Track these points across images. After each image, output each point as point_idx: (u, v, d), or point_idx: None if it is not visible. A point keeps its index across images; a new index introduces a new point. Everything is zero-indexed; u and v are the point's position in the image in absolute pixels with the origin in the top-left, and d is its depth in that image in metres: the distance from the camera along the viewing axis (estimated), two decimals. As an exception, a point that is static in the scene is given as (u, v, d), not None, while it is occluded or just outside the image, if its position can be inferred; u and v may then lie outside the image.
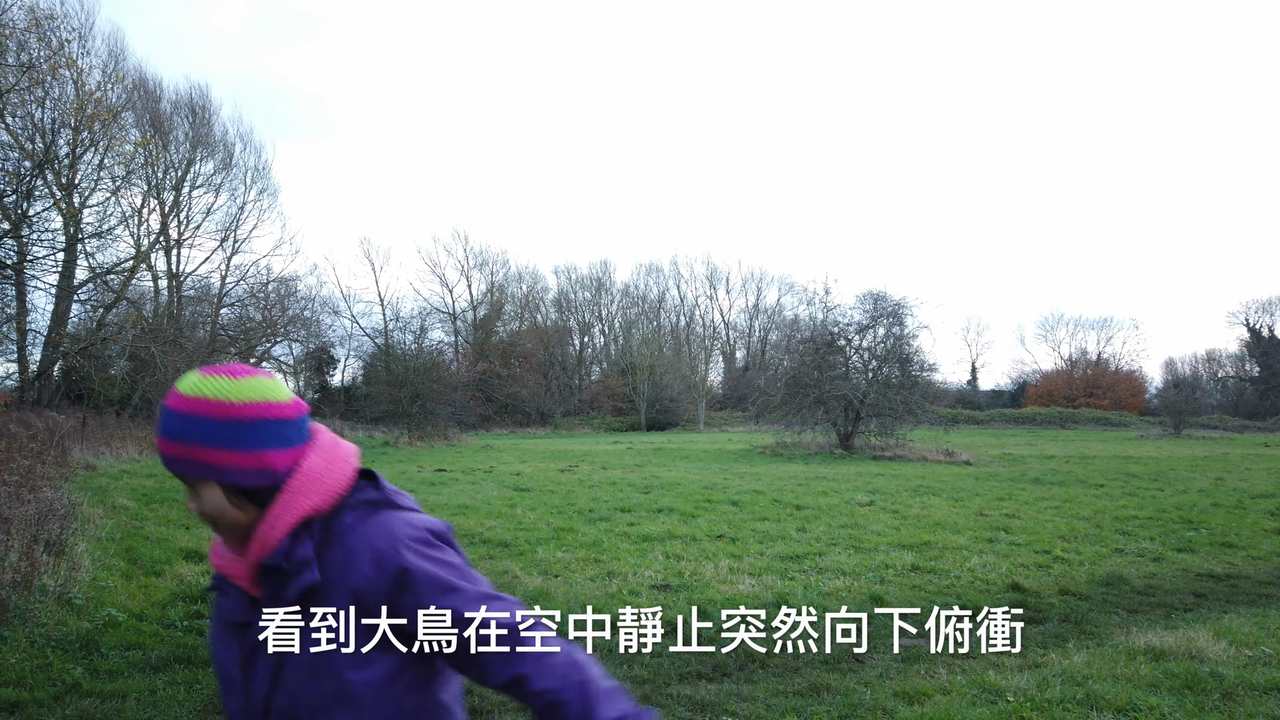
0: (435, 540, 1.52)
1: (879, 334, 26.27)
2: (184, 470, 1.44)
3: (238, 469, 1.44)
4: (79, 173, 25.66)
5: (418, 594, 1.46)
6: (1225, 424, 45.26)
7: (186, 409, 1.42)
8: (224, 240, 34.75)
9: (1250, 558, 8.56)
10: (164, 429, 1.43)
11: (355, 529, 1.49)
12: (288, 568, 1.47)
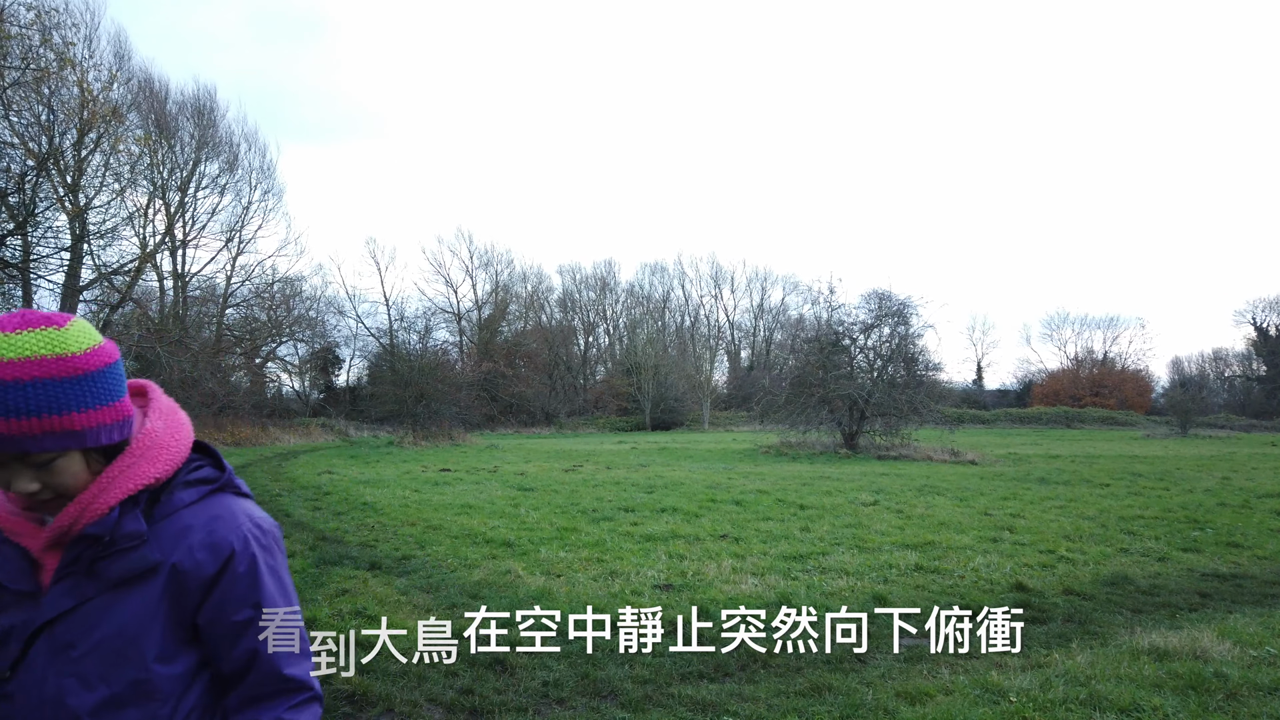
0: (276, 543, 1.45)
1: (884, 333, 26.24)
2: (42, 447, 1.23)
3: (103, 426, 1.29)
4: (84, 173, 25.72)
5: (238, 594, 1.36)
6: (1232, 423, 45.07)
7: (25, 375, 1.20)
8: (229, 240, 34.89)
9: (1256, 557, 8.51)
10: (10, 405, 1.20)
11: (192, 507, 1.37)
12: (110, 540, 1.31)
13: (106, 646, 1.30)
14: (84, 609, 1.30)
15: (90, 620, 1.30)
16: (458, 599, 6.47)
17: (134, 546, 1.32)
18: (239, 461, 20.36)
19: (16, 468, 1.26)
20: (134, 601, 1.32)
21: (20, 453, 1.24)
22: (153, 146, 28.89)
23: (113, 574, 1.31)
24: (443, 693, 4.49)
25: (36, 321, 1.24)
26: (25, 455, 1.25)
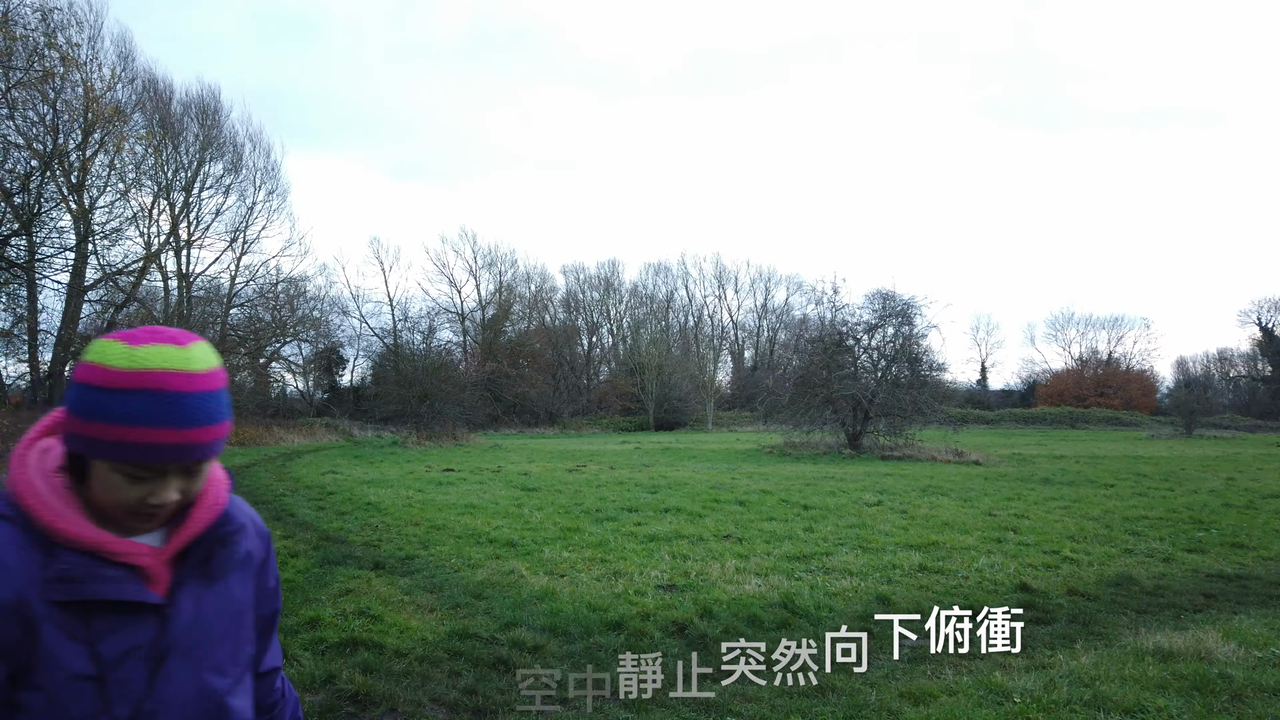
0: None
1: (888, 333, 26.21)
2: (216, 452, 1.30)
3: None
4: (88, 173, 25.77)
5: (273, 582, 1.50)
6: (1237, 423, 44.97)
7: (219, 385, 1.28)
8: (233, 241, 34.96)
9: (1261, 558, 8.49)
10: (212, 414, 1.26)
11: (232, 500, 1.44)
12: (224, 534, 1.38)
13: (226, 636, 1.37)
14: (203, 608, 1.35)
15: (209, 616, 1.35)
16: (461, 599, 6.47)
17: (236, 537, 1.40)
18: (243, 461, 20.40)
19: (173, 477, 1.27)
20: (235, 588, 1.40)
21: (199, 460, 1.27)
22: (157, 146, 28.95)
23: (222, 566, 1.37)
24: (446, 692, 4.49)
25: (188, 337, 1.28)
26: (196, 463, 1.28)
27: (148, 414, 1.20)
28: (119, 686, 1.25)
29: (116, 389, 1.21)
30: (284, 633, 5.40)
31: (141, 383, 1.21)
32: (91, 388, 1.22)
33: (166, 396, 1.21)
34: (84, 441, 1.23)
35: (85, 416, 1.22)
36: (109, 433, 1.21)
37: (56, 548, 1.24)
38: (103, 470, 1.25)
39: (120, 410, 1.20)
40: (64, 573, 1.23)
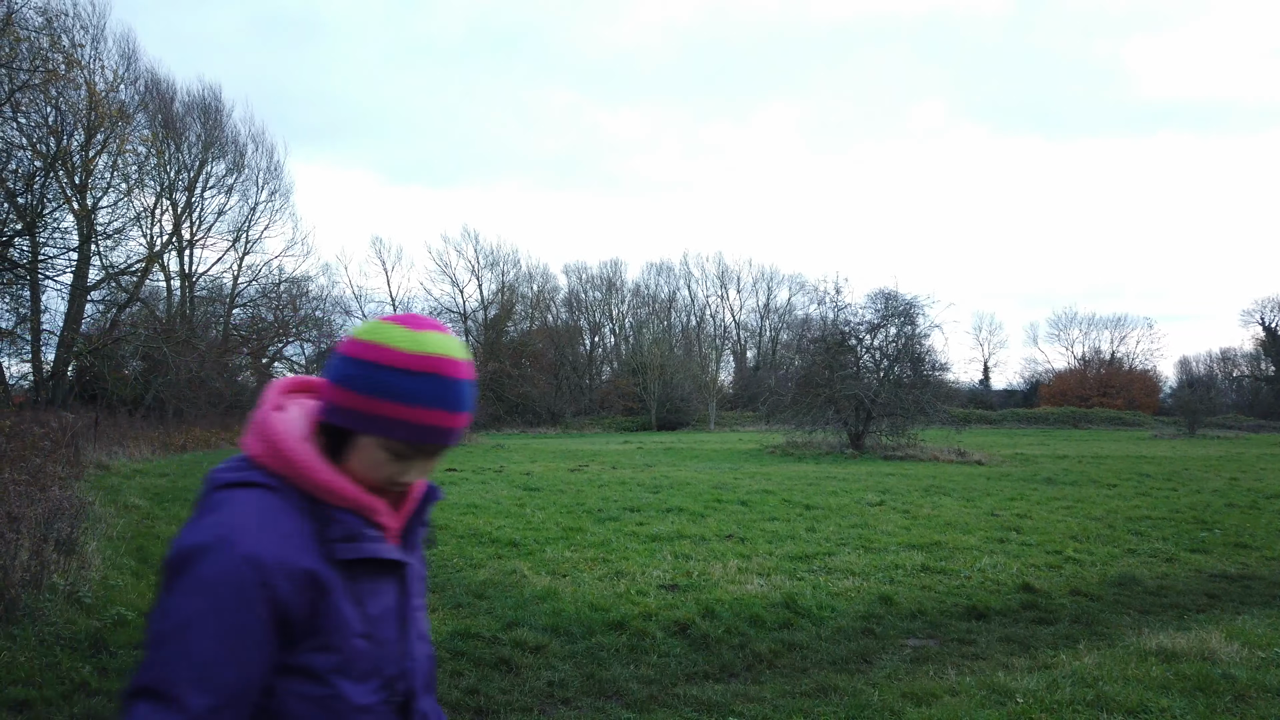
0: None
1: (890, 333, 26.18)
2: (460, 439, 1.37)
3: None
4: (91, 173, 25.80)
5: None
6: (1240, 423, 44.91)
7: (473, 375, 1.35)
8: (236, 240, 34.95)
9: (1265, 558, 8.47)
10: (471, 402, 1.32)
11: None
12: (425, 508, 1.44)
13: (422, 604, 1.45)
14: (419, 578, 1.44)
15: (419, 585, 1.43)
16: (463, 599, 6.47)
17: (428, 512, 1.45)
18: (246, 461, 20.38)
19: (424, 459, 1.32)
20: (418, 560, 1.46)
21: (453, 444, 1.32)
22: (159, 147, 28.97)
23: (420, 539, 1.44)
24: (447, 692, 4.48)
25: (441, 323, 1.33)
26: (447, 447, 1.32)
27: (431, 396, 1.25)
28: (381, 646, 1.29)
29: (403, 369, 1.25)
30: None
31: (427, 366, 1.25)
32: (377, 366, 1.25)
33: (447, 381, 1.27)
34: (358, 416, 1.26)
35: (367, 393, 1.25)
36: (391, 410, 1.24)
37: (325, 509, 1.26)
38: (369, 445, 1.28)
39: (406, 390, 1.24)
40: (347, 531, 1.26)
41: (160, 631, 1.14)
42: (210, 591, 1.13)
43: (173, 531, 9.06)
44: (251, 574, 1.15)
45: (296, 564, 1.19)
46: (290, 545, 1.20)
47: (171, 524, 9.56)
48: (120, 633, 5.23)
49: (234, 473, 1.26)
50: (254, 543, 1.17)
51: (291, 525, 1.22)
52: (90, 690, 4.38)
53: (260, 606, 1.16)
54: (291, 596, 1.18)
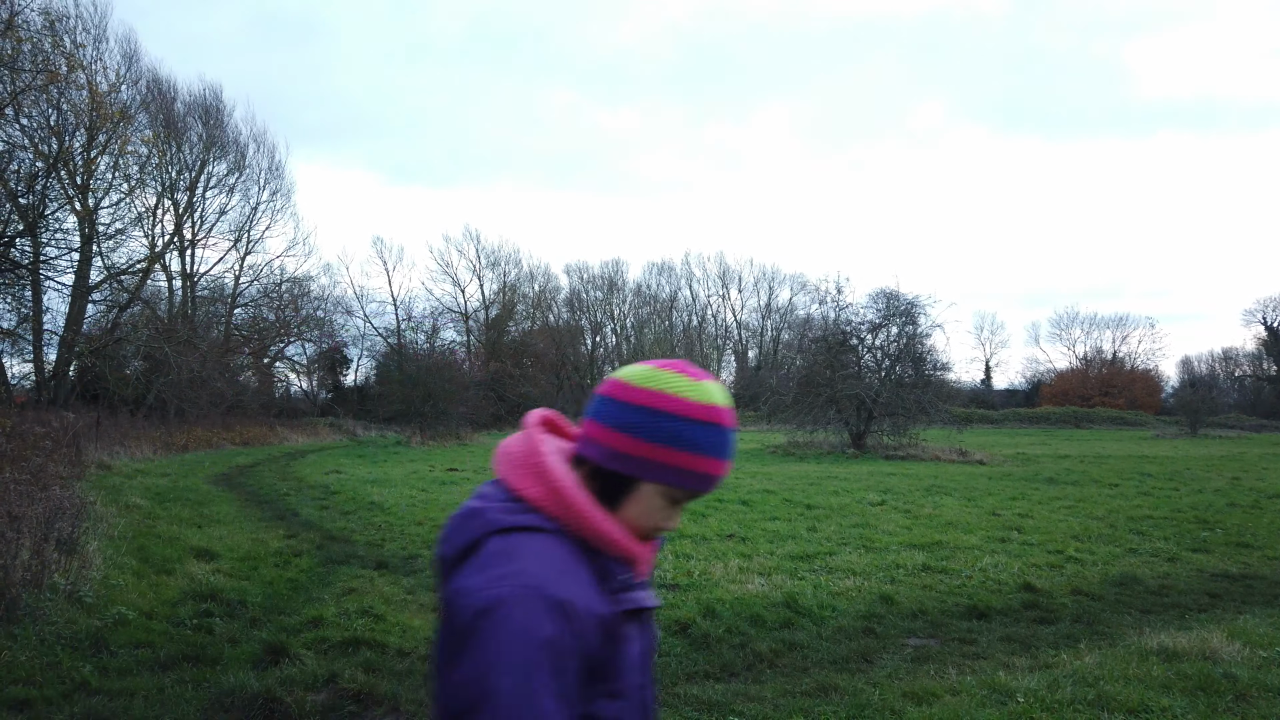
0: None
1: (892, 333, 26.18)
2: None
3: None
4: (93, 174, 25.82)
5: None
6: (1242, 423, 44.89)
7: None
8: (237, 240, 34.95)
9: (1266, 558, 8.47)
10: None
11: None
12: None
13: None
14: None
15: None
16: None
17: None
18: (247, 461, 20.43)
19: (684, 506, 1.32)
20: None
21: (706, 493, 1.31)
22: (161, 147, 28.98)
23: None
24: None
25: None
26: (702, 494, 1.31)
27: (714, 445, 1.26)
28: (646, 692, 1.31)
29: (691, 419, 1.25)
30: (286, 632, 5.41)
31: (711, 416, 1.26)
32: (665, 415, 1.25)
33: (727, 431, 1.28)
34: (644, 464, 1.25)
35: (655, 440, 1.24)
36: (678, 459, 1.24)
37: (602, 558, 1.24)
38: (650, 493, 1.27)
39: (694, 439, 1.24)
40: (626, 582, 1.25)
41: (479, 694, 1.07)
42: (532, 646, 1.08)
43: (173, 531, 9.09)
44: (566, 624, 1.12)
45: (599, 611, 1.18)
46: (590, 593, 1.18)
47: (172, 523, 9.57)
48: (121, 632, 5.23)
49: (512, 515, 1.23)
50: (564, 590, 1.14)
51: (585, 574, 1.20)
52: (91, 689, 4.38)
53: (575, 658, 1.13)
54: (596, 645, 1.17)
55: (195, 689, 4.43)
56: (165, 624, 5.53)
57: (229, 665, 4.75)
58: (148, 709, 4.17)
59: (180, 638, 5.25)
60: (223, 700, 4.22)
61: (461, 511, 1.27)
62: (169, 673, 4.65)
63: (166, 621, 5.58)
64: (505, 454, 1.31)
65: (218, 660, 4.85)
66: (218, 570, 7.24)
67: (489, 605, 1.10)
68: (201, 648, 5.04)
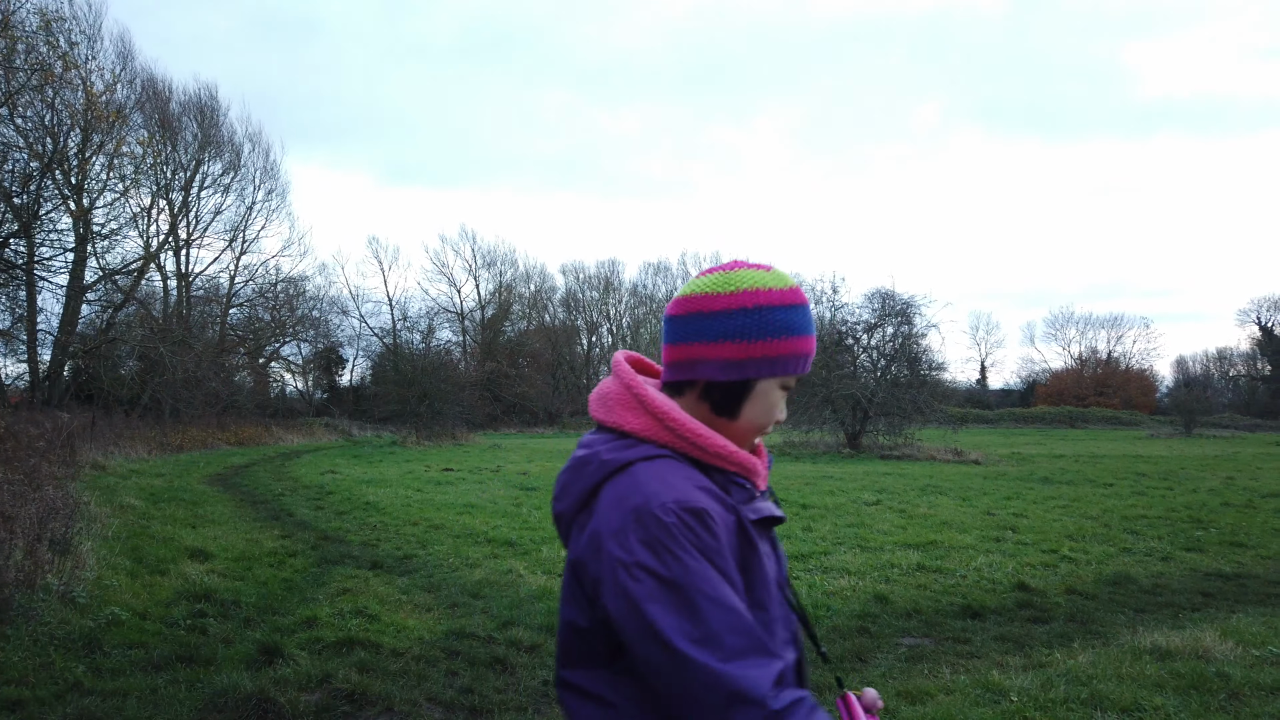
0: None
1: (887, 333, 26.21)
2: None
3: None
4: (87, 174, 25.77)
5: None
6: (1236, 423, 44.96)
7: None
8: (233, 240, 34.92)
9: (1260, 557, 8.49)
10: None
11: None
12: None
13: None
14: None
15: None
16: (459, 598, 6.47)
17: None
18: (242, 461, 20.39)
19: (785, 393, 1.33)
20: None
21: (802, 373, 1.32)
22: (156, 147, 28.92)
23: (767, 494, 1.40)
24: (443, 691, 4.48)
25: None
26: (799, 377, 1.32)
27: (807, 324, 1.30)
28: (787, 613, 1.31)
29: (786, 305, 1.28)
30: (280, 632, 5.41)
31: (797, 298, 1.30)
32: (766, 309, 1.27)
33: (808, 309, 1.32)
34: (760, 363, 1.27)
35: (764, 336, 1.26)
36: (788, 346, 1.28)
37: (721, 475, 1.26)
38: (767, 390, 1.30)
39: (794, 323, 1.28)
40: (746, 494, 1.28)
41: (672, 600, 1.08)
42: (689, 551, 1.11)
43: (168, 531, 9.08)
44: (707, 531, 1.14)
45: (729, 515, 1.21)
46: (717, 504, 1.20)
47: (167, 524, 9.56)
48: (114, 632, 5.22)
49: (623, 452, 1.23)
50: (699, 501, 1.16)
51: (707, 485, 1.22)
52: (84, 690, 4.37)
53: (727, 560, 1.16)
54: (733, 546, 1.19)
55: (189, 689, 4.42)
56: (159, 624, 5.52)
57: (223, 666, 4.74)
58: (141, 709, 4.17)
59: (174, 638, 5.24)
60: (216, 701, 4.22)
61: (570, 464, 1.29)
62: (162, 673, 4.64)
63: (160, 622, 5.57)
64: (601, 397, 1.33)
65: (211, 661, 4.84)
66: (212, 570, 7.23)
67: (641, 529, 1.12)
68: (195, 648, 5.03)
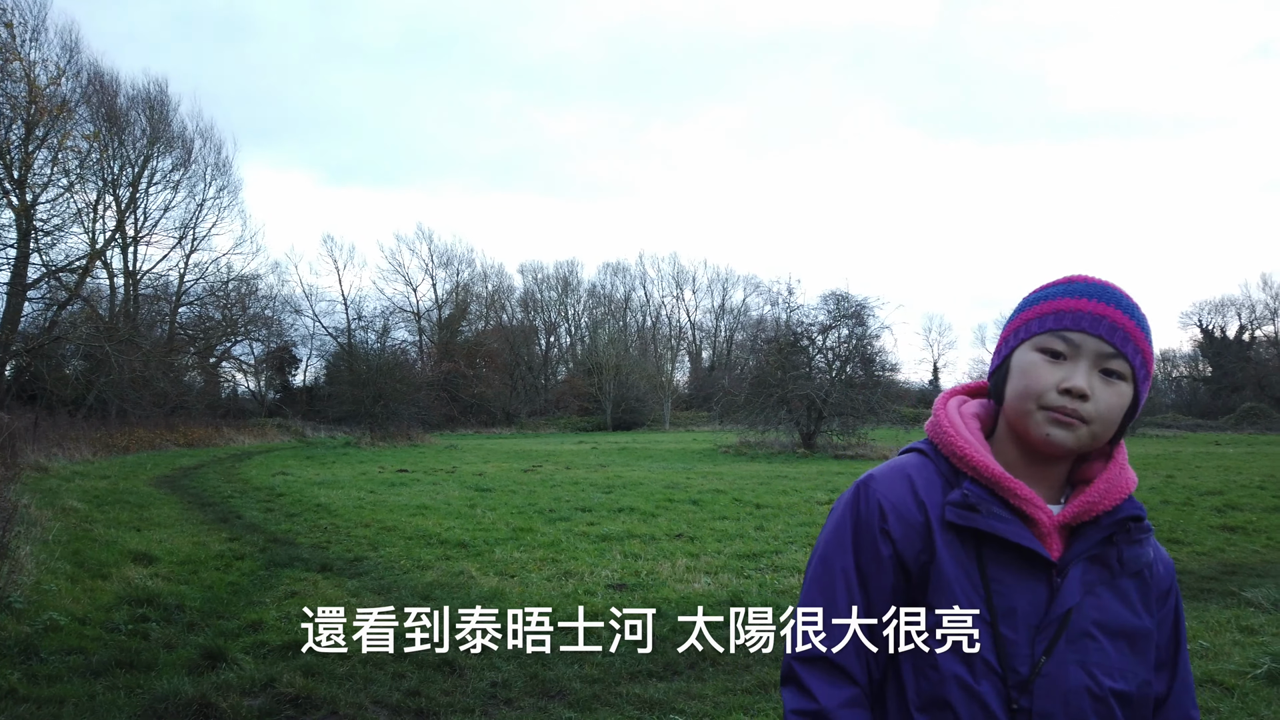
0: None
1: (842, 334, 26.52)
2: (1129, 349, 1.27)
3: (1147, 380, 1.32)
4: (30, 168, 25.10)
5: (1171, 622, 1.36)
6: (1178, 423, 46.17)
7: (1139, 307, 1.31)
8: (183, 238, 34.26)
9: (1195, 554, 8.74)
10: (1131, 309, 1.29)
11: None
12: (1128, 526, 1.29)
13: (1121, 640, 1.27)
14: (1097, 596, 1.27)
15: (1104, 607, 1.26)
16: (409, 600, 6.43)
17: (1144, 539, 1.32)
18: (191, 463, 20.01)
19: (1087, 363, 1.26)
20: (1134, 596, 1.29)
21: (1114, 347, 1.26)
22: (102, 142, 28.27)
23: (1123, 561, 1.29)
24: (389, 694, 4.46)
25: None
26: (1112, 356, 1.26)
27: (1064, 292, 1.31)
28: (1010, 644, 1.23)
29: (1042, 287, 1.35)
30: (224, 636, 5.33)
31: (1061, 280, 1.35)
32: (1023, 300, 1.37)
33: (1079, 284, 1.32)
34: (1008, 338, 1.35)
35: (1014, 316, 1.36)
36: (1033, 312, 1.32)
37: (961, 478, 1.30)
38: (1022, 358, 1.30)
39: (1043, 295, 1.33)
40: (964, 498, 1.27)
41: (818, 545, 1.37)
42: (842, 511, 1.35)
43: (111, 535, 8.89)
44: (870, 508, 1.31)
45: (911, 514, 1.28)
46: (910, 498, 1.30)
47: (110, 527, 9.36)
48: (52, 638, 5.12)
49: (911, 444, 1.41)
50: (884, 486, 1.32)
51: (925, 486, 1.31)
52: (18, 697, 4.27)
53: (882, 541, 1.29)
54: (905, 542, 1.28)
55: (128, 695, 4.34)
56: (99, 629, 5.41)
57: (163, 671, 4.67)
58: (77, 716, 4.09)
59: (114, 643, 5.14)
60: (155, 707, 4.15)
61: None
62: (101, 679, 4.56)
63: (100, 627, 5.47)
64: None
65: (152, 666, 4.76)
66: (156, 574, 7.10)
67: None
68: (136, 653, 4.94)
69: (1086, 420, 1.25)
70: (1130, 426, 1.35)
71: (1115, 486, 1.29)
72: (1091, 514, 1.28)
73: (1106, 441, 1.32)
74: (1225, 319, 57.02)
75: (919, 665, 1.26)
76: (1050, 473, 1.32)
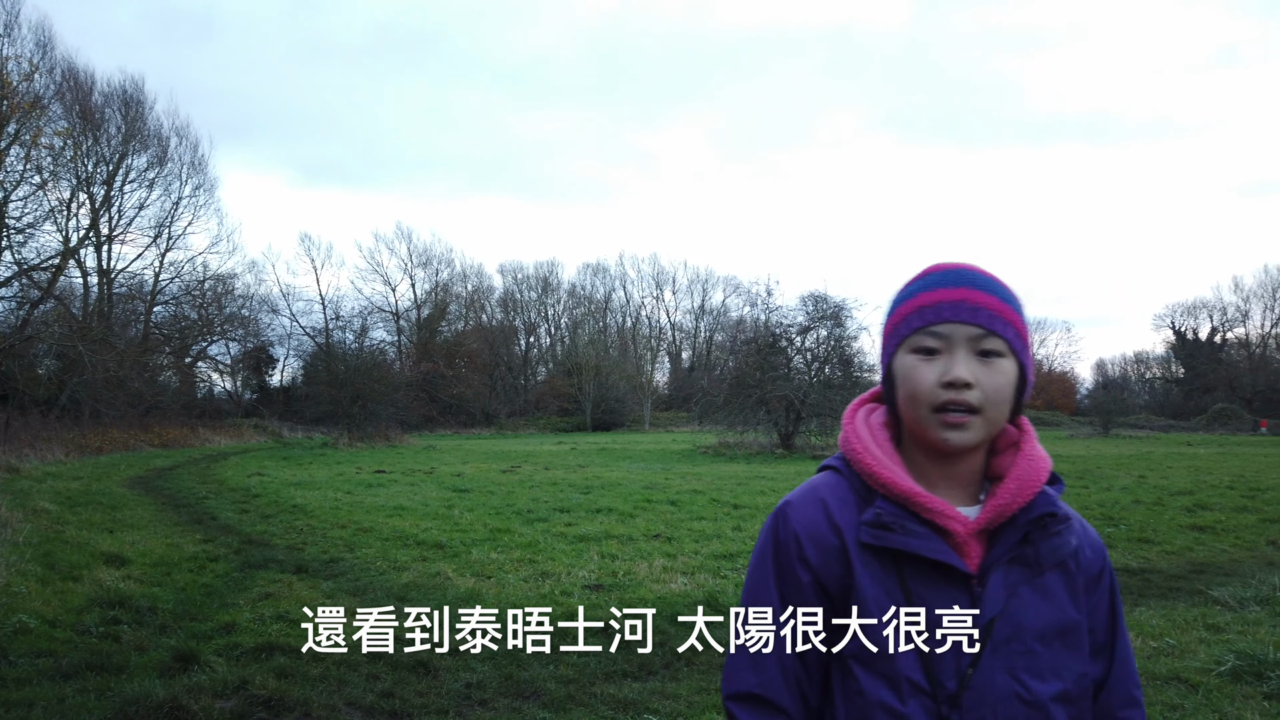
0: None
1: (820, 335, 26.62)
2: (1000, 330, 1.25)
3: (1029, 357, 1.30)
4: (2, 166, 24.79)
5: (1103, 606, 1.34)
6: (1151, 423, 46.71)
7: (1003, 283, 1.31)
8: (158, 236, 33.96)
9: (1164, 553, 8.85)
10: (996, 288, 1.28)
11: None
12: (1044, 520, 1.27)
13: (1050, 639, 1.25)
14: (1020, 598, 1.25)
15: (1027, 609, 1.25)
16: (384, 602, 6.41)
17: (1061, 529, 1.29)
18: (166, 463, 19.83)
19: (963, 353, 1.24)
20: (1059, 590, 1.28)
21: (984, 330, 1.25)
22: (76, 139, 27.95)
23: (1040, 559, 1.27)
24: (363, 696, 4.45)
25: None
26: (984, 337, 1.25)
27: (923, 285, 1.30)
28: (936, 660, 1.22)
29: (906, 284, 1.34)
30: (197, 638, 5.30)
31: (919, 274, 1.34)
32: (892, 299, 1.36)
33: (936, 274, 1.31)
34: (884, 344, 1.34)
35: (885, 320, 1.35)
36: (899, 315, 1.31)
37: (874, 495, 1.28)
38: (901, 363, 1.29)
39: (905, 293, 1.32)
40: (877, 517, 1.25)
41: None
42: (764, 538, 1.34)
43: (83, 536, 8.80)
44: (787, 532, 1.31)
45: (825, 539, 1.28)
46: (825, 522, 1.29)
47: (82, 528, 9.27)
48: (21, 641, 5.07)
49: (827, 460, 1.40)
50: (798, 509, 1.31)
51: (838, 506, 1.30)
52: (-14, 701, 4.23)
53: (800, 566, 1.29)
54: (824, 569, 1.28)
55: (98, 698, 4.31)
56: (69, 632, 5.36)
57: (134, 673, 4.64)
58: (46, 719, 4.06)
59: (85, 646, 5.10)
60: (126, 709, 4.12)
61: None
62: (71, 682, 4.52)
63: (71, 629, 5.42)
64: None
65: (123, 668, 4.73)
66: (128, 576, 7.04)
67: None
68: (107, 656, 4.90)
69: (977, 408, 1.23)
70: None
71: (1027, 483, 1.28)
72: (1006, 515, 1.26)
73: (1009, 423, 1.32)
74: (1198, 321, 57.86)
75: (847, 691, 1.26)
76: (962, 470, 1.30)
